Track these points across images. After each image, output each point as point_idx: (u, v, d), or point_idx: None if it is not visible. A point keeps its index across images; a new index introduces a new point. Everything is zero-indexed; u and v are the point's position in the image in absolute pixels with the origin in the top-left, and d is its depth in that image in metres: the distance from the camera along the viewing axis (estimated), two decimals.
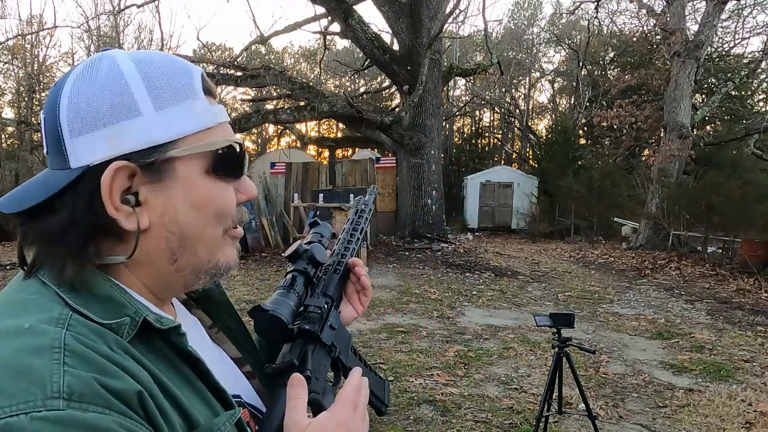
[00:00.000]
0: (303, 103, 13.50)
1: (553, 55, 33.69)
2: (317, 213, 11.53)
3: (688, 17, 15.90)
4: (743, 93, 20.93)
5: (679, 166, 13.84)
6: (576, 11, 20.57)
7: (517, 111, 28.89)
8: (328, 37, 15.68)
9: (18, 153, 21.52)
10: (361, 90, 26.38)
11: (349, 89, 27.35)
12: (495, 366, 4.85)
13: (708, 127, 19.37)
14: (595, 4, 17.41)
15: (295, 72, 30.49)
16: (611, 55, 26.26)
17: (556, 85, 32.72)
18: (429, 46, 12.28)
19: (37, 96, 22.96)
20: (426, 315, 6.67)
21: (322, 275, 0.83)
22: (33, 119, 19.24)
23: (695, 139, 14.22)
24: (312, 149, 24.22)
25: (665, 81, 14.91)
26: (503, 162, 27.38)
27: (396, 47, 13.88)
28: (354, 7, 12.88)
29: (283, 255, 0.81)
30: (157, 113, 0.57)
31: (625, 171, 17.85)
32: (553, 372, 3.08)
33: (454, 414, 3.80)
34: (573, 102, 27.41)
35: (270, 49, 32.53)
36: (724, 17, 17.53)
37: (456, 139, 31.16)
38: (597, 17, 20.55)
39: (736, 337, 5.97)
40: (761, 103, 23.35)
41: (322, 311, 0.75)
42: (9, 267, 9.51)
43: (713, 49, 20.04)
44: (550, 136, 23.76)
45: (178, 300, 0.73)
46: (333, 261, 0.86)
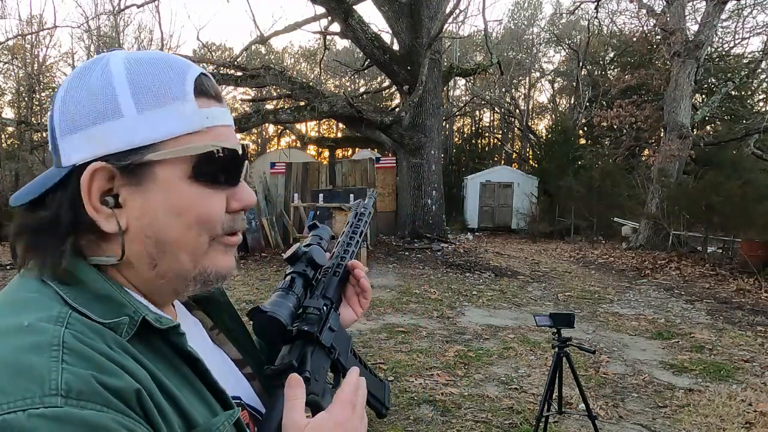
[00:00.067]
0: (303, 103, 13.51)
1: (553, 55, 33.77)
2: (317, 213, 11.53)
3: (688, 17, 15.92)
4: (743, 93, 20.94)
5: (679, 166, 13.84)
6: (576, 11, 20.58)
7: (517, 111, 28.89)
8: (328, 37, 15.68)
9: (18, 153, 21.49)
10: (361, 90, 26.38)
11: (349, 89, 27.35)
12: (495, 366, 4.85)
13: (708, 127, 19.37)
14: (595, 4, 17.41)
15: (295, 72, 30.49)
16: (611, 55, 26.27)
17: (556, 85, 32.73)
18: (429, 46, 12.28)
19: (37, 96, 22.97)
20: (426, 315, 6.67)
21: (321, 277, 0.82)
22: (33, 119, 19.26)
23: (695, 139, 14.21)
24: (312, 149, 24.22)
25: (665, 81, 14.91)
26: (503, 162, 27.38)
27: (396, 47, 13.88)
28: (354, 7, 12.88)
29: (282, 257, 0.81)
30: (139, 115, 0.56)
31: (625, 171, 17.85)
32: (553, 372, 3.08)
33: (454, 414, 3.80)
34: (573, 102, 27.41)
35: (270, 49, 32.53)
36: (724, 17, 17.55)
37: (456, 139, 31.16)
38: (597, 17, 20.56)
39: (736, 337, 5.97)
40: (761, 103, 23.36)
41: (321, 313, 0.75)
42: (9, 267, 9.52)
43: (713, 49, 20.04)
44: (550, 136, 23.76)
45: (179, 301, 0.73)
46: (332, 263, 0.86)
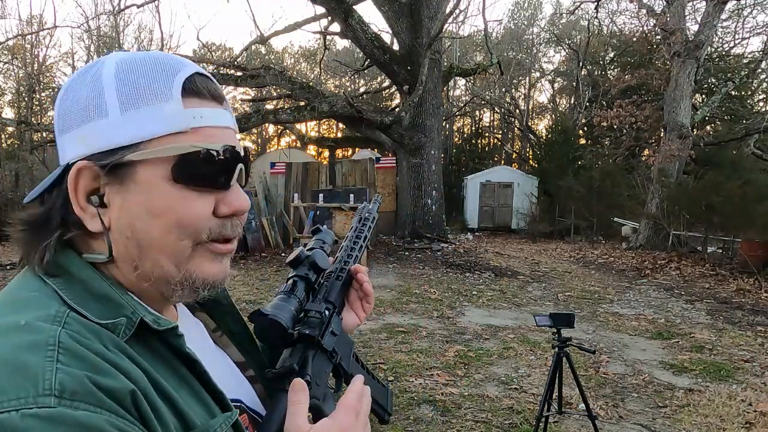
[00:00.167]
0: (303, 103, 13.51)
1: (553, 55, 33.78)
2: (317, 213, 11.53)
3: (688, 17, 15.92)
4: (743, 93, 20.93)
5: (679, 166, 13.84)
6: (576, 11, 20.58)
7: (517, 111, 28.89)
8: (328, 37, 15.68)
9: (18, 153, 21.47)
10: (361, 90, 26.38)
11: (349, 89, 27.35)
12: (495, 366, 4.85)
13: (708, 127, 19.37)
14: (595, 4, 17.41)
15: (295, 72, 30.49)
16: (611, 55, 26.27)
17: (556, 85, 32.74)
18: (429, 46, 12.28)
19: (37, 96, 22.95)
20: (426, 315, 6.67)
21: (324, 281, 0.82)
22: (33, 119, 19.24)
23: (695, 139, 14.21)
24: (312, 149, 24.23)
25: (665, 81, 14.91)
26: (503, 162, 27.38)
27: (396, 47, 13.88)
28: (354, 7, 12.88)
29: (282, 257, 0.81)
30: (123, 115, 0.56)
31: (625, 171, 17.85)
32: (553, 372, 3.08)
33: (454, 414, 3.80)
34: (573, 102, 27.41)
35: (270, 49, 32.54)
36: (724, 17, 17.54)
37: (456, 139, 31.16)
38: (597, 17, 20.56)
39: (736, 337, 5.97)
40: (761, 103, 23.36)
41: (322, 316, 0.74)
42: (9, 267, 9.51)
43: (713, 49, 20.04)
44: (550, 136, 23.76)
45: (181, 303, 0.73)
46: (335, 267, 0.85)
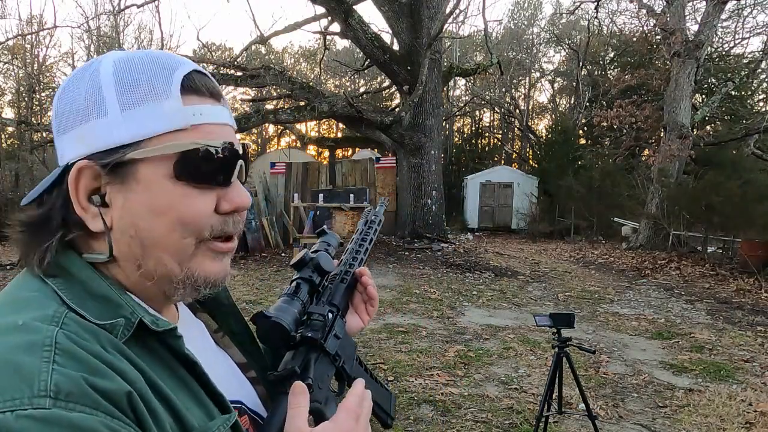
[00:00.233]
0: (303, 103, 13.50)
1: (553, 55, 33.79)
2: (317, 213, 11.53)
3: (688, 17, 15.91)
4: (743, 93, 20.93)
5: (679, 166, 13.84)
6: (576, 11, 20.57)
7: (517, 111, 28.89)
8: (328, 37, 15.67)
9: (18, 153, 21.49)
10: (361, 90, 26.37)
11: (349, 89, 27.35)
12: (495, 366, 4.85)
13: (708, 127, 19.35)
14: (595, 4, 17.41)
15: (295, 72, 30.50)
16: (611, 55, 26.27)
17: (556, 85, 32.74)
18: (429, 46, 12.28)
19: (37, 96, 22.96)
20: (426, 315, 6.67)
21: (328, 284, 0.82)
22: (33, 119, 19.24)
23: (695, 139, 14.21)
24: (312, 149, 24.22)
25: (665, 81, 14.91)
26: (503, 162, 27.38)
27: (396, 47, 13.87)
28: (354, 7, 12.88)
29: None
30: (122, 114, 0.56)
31: (625, 171, 17.85)
32: (553, 372, 3.08)
33: (454, 414, 3.80)
34: (573, 102, 27.41)
35: (270, 49, 32.53)
36: (724, 17, 17.54)
37: (456, 139, 31.16)
38: (597, 17, 20.54)
39: (736, 337, 5.97)
40: (761, 103, 23.37)
41: (325, 319, 0.74)
42: (9, 267, 9.51)
43: (713, 49, 20.04)
44: (550, 136, 23.75)
45: (183, 303, 0.72)
46: (340, 270, 0.85)
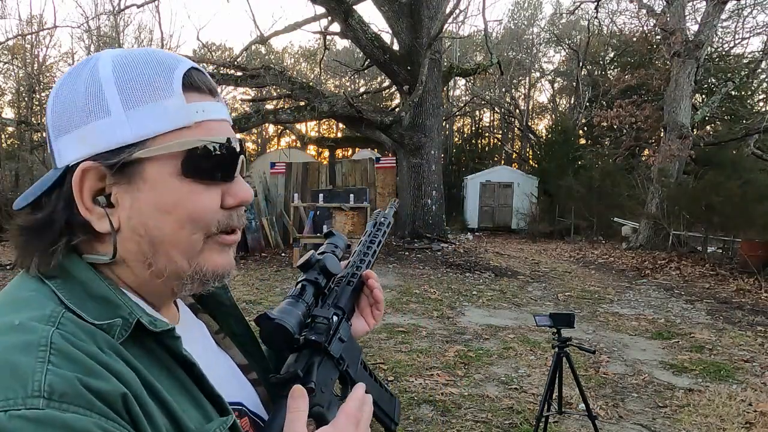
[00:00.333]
0: (303, 103, 13.50)
1: (553, 55, 33.79)
2: (317, 213, 11.53)
3: (688, 17, 15.91)
4: (743, 93, 20.93)
5: (679, 166, 13.84)
6: (576, 11, 20.57)
7: (517, 111, 28.89)
8: (328, 37, 15.67)
9: (18, 153, 21.52)
10: (361, 90, 26.37)
11: (349, 89, 27.35)
12: (495, 366, 4.85)
13: (708, 127, 19.36)
14: (595, 4, 17.41)
15: (295, 72, 30.50)
16: (611, 55, 26.27)
17: (556, 85, 32.74)
18: (429, 46, 12.28)
19: (37, 96, 22.97)
20: (426, 315, 6.66)
21: (334, 286, 0.81)
22: (33, 119, 19.26)
23: (695, 139, 14.21)
24: (312, 149, 24.22)
25: (665, 81, 14.91)
26: (503, 162, 27.38)
27: (396, 47, 13.87)
28: (354, 7, 12.88)
29: (296, 265, 0.80)
30: (126, 113, 0.55)
31: (625, 171, 17.85)
32: (553, 372, 3.08)
33: (454, 414, 3.80)
34: (573, 102, 27.41)
35: (270, 49, 32.54)
36: (724, 17, 17.54)
37: (456, 139, 31.16)
38: (597, 17, 20.54)
39: (736, 337, 5.97)
40: (761, 103, 23.37)
41: (329, 322, 0.73)
42: (9, 267, 9.51)
43: (713, 49, 20.04)
44: (550, 136, 23.76)
45: (184, 303, 0.72)
46: (347, 273, 0.84)
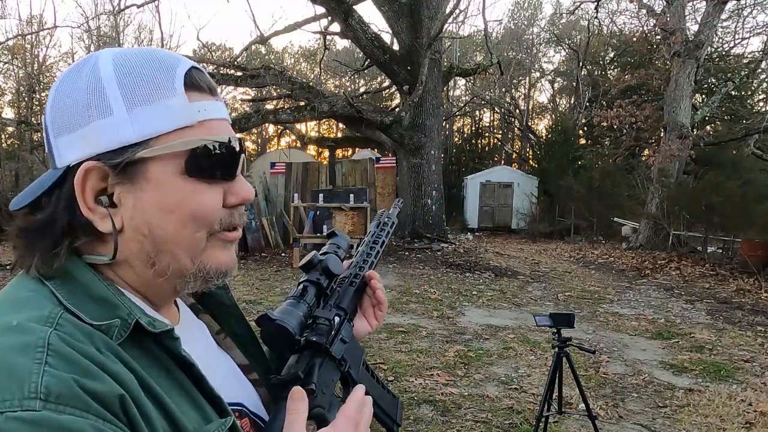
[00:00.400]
0: (303, 103, 13.50)
1: (553, 55, 33.81)
2: (317, 213, 11.52)
3: (688, 17, 15.91)
4: (743, 93, 20.93)
5: (679, 166, 13.84)
6: (576, 11, 20.57)
7: (517, 111, 28.90)
8: (328, 37, 15.67)
9: (18, 153, 21.52)
10: (361, 90, 26.37)
11: (349, 89, 27.35)
12: (495, 366, 4.85)
13: (708, 127, 19.36)
14: (595, 4, 17.41)
15: (295, 72, 30.50)
16: (611, 55, 26.27)
17: (556, 85, 32.74)
18: (429, 46, 12.28)
19: (37, 96, 22.98)
20: (426, 315, 6.66)
21: (336, 287, 0.80)
22: (33, 119, 19.26)
23: (695, 139, 14.21)
24: (312, 149, 24.22)
25: (665, 81, 14.90)
26: (503, 162, 27.38)
27: (396, 47, 13.87)
28: (354, 7, 12.88)
29: (298, 265, 0.79)
30: (129, 113, 0.55)
31: (625, 171, 17.86)
32: (553, 372, 3.08)
33: (454, 414, 3.80)
34: (573, 102, 27.41)
35: (270, 49, 32.54)
36: (724, 17, 17.54)
37: (456, 139, 31.16)
38: (597, 17, 20.55)
39: (736, 337, 5.97)
40: (761, 103, 23.37)
41: (331, 323, 0.73)
42: (9, 267, 9.51)
43: (713, 49, 20.04)
44: (550, 136, 23.77)
45: (185, 304, 0.72)
46: (349, 273, 0.83)
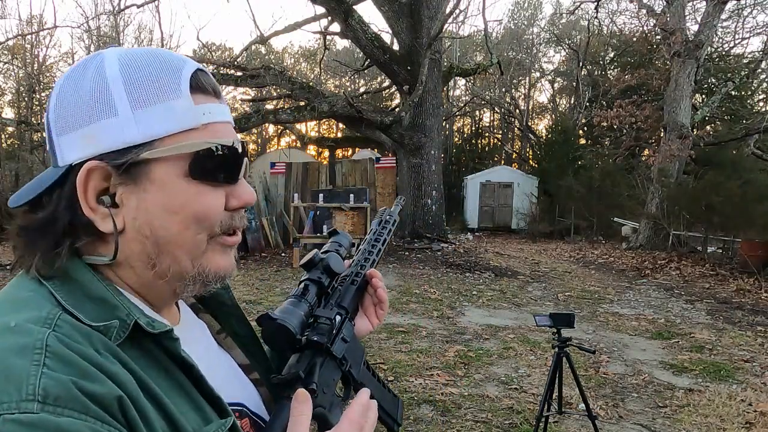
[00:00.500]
0: (303, 103, 13.50)
1: (553, 55, 33.79)
2: (317, 213, 11.52)
3: (688, 17, 15.91)
4: (743, 93, 20.93)
5: (679, 166, 13.84)
6: (576, 11, 20.57)
7: (517, 111, 28.90)
8: (328, 37, 15.67)
9: (18, 153, 21.53)
10: (361, 90, 26.37)
11: (349, 89, 27.34)
12: (495, 366, 4.85)
13: (708, 127, 19.36)
14: (595, 4, 17.41)
15: (295, 72, 30.50)
16: (611, 55, 26.27)
17: (556, 85, 32.74)
18: (429, 46, 12.28)
19: (37, 96, 22.98)
20: (426, 315, 6.66)
21: (338, 286, 0.80)
22: (33, 119, 19.26)
23: (695, 139, 14.21)
24: (312, 149, 24.21)
25: (665, 81, 14.90)
26: (503, 162, 27.38)
27: (396, 47, 13.87)
28: (354, 7, 12.88)
29: (299, 264, 0.79)
30: (134, 114, 0.55)
31: (625, 171, 17.86)
32: (553, 372, 3.08)
33: (454, 414, 3.80)
34: (573, 102, 27.41)
35: (270, 49, 32.53)
36: (724, 17, 17.54)
37: (456, 139, 31.17)
38: (597, 17, 20.54)
39: (736, 337, 5.97)
40: (761, 103, 23.37)
41: (332, 323, 0.72)
42: (9, 267, 9.51)
43: (713, 49, 20.03)
44: (550, 136, 23.77)
45: (185, 303, 0.72)
46: (351, 271, 0.83)
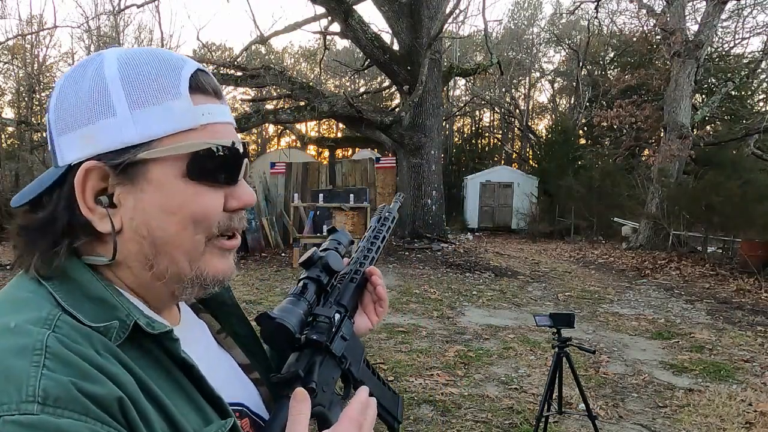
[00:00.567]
0: (303, 103, 13.51)
1: (553, 55, 33.80)
2: (317, 213, 11.52)
3: (688, 17, 15.91)
4: (743, 93, 20.93)
5: (679, 166, 13.84)
6: (576, 11, 20.57)
7: (517, 111, 28.90)
8: (328, 37, 15.67)
9: (18, 153, 21.52)
10: (361, 90, 26.36)
11: (349, 89, 27.34)
12: (495, 366, 4.85)
13: (708, 127, 19.35)
14: (595, 4, 17.41)
15: (295, 72, 30.50)
16: (611, 55, 26.27)
17: (556, 85, 32.74)
18: (429, 46, 12.28)
19: (37, 96, 22.98)
20: (426, 315, 6.66)
21: (337, 284, 0.79)
22: (33, 119, 19.26)
23: (695, 139, 14.21)
24: (312, 149, 24.21)
25: (665, 81, 14.90)
26: (503, 162, 27.38)
27: (396, 47, 13.87)
28: (354, 7, 12.88)
29: (298, 263, 0.79)
30: (132, 114, 0.55)
31: (625, 171, 17.86)
32: (553, 372, 3.08)
33: (454, 414, 3.80)
34: (573, 102, 27.41)
35: (270, 49, 32.53)
36: (724, 17, 17.54)
37: (456, 139, 31.17)
38: (597, 17, 20.54)
39: (736, 337, 5.97)
40: (761, 103, 23.37)
41: (331, 321, 0.72)
42: (9, 267, 9.50)
43: (713, 49, 20.03)
44: (550, 136, 23.77)
45: (186, 303, 0.71)
46: (350, 269, 0.82)
